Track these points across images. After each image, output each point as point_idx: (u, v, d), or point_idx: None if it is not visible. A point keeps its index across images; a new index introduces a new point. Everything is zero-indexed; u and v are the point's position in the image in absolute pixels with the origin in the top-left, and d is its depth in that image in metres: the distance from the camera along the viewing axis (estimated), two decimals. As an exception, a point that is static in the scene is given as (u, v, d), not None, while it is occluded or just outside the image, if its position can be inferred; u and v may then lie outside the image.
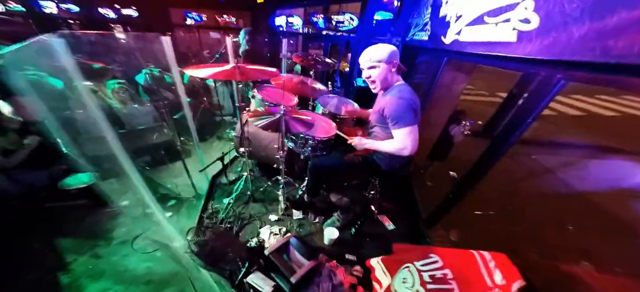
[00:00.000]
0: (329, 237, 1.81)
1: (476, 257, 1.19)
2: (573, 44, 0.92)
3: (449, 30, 1.86)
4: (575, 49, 0.92)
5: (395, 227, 2.03)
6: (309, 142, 1.86)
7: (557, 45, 0.99)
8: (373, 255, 1.78)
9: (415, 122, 1.36)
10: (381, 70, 1.45)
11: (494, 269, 1.12)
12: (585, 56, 0.89)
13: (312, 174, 1.80)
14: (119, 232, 2.08)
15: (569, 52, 0.94)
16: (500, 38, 1.32)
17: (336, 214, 2.02)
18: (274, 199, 2.20)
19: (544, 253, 1.86)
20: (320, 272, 1.60)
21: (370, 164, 1.65)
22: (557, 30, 0.99)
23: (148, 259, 1.87)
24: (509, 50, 1.26)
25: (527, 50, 1.14)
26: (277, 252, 1.54)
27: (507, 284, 1.04)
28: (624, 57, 0.76)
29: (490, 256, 1.17)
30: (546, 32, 1.04)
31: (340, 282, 1.57)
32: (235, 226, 1.94)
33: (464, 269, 1.17)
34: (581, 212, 2.74)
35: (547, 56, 1.04)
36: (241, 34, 3.29)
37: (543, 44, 1.06)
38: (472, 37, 1.57)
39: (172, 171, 2.81)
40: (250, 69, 1.50)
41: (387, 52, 1.42)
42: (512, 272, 1.08)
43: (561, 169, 3.81)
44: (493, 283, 1.08)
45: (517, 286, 1.03)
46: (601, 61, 0.83)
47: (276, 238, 1.86)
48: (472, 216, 2.11)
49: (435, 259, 1.21)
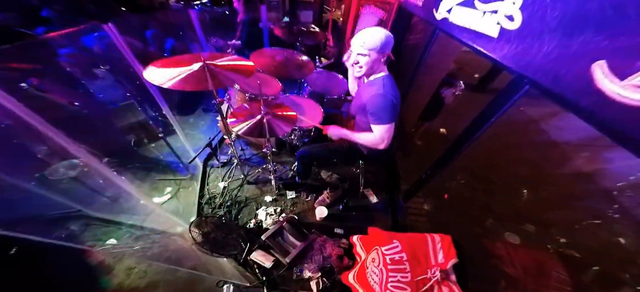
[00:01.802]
0: (319, 215, 2.08)
1: (428, 240, 1.49)
2: (538, 60, 0.98)
3: (441, 4, 1.79)
4: (537, 67, 0.98)
5: (378, 200, 2.30)
6: (294, 131, 1.95)
7: (526, 55, 1.04)
8: (359, 227, 2.08)
9: (394, 119, 1.45)
10: (371, 59, 1.42)
11: (439, 250, 1.42)
12: (541, 78, 0.96)
13: (301, 161, 1.95)
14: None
15: (532, 68, 1.00)
16: (484, 30, 1.32)
17: (326, 191, 2.25)
18: (268, 181, 2.39)
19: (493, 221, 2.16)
20: (313, 247, 1.90)
21: (353, 150, 1.80)
22: (532, 37, 1.02)
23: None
24: (488, 47, 1.29)
25: (503, 53, 1.18)
26: (272, 237, 1.79)
27: (445, 262, 1.35)
28: (566, 89, 0.84)
29: (439, 238, 1.47)
30: (523, 37, 1.06)
31: (329, 254, 1.88)
32: (233, 209, 2.17)
33: (417, 251, 1.46)
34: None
35: (515, 67, 1.09)
36: None
37: (517, 49, 1.10)
38: (460, 21, 1.54)
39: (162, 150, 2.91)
40: (223, 67, 1.37)
41: (381, 42, 1.38)
42: (451, 251, 1.37)
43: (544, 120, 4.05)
44: (436, 262, 1.39)
45: (452, 263, 1.35)
46: (548, 87, 0.91)
47: (272, 218, 2.11)
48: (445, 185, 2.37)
49: (396, 244, 1.49)
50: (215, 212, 2.15)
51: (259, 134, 1.46)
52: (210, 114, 3.54)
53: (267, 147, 1.86)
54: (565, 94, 0.86)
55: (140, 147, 2.93)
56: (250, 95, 1.92)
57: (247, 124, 1.47)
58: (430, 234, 1.48)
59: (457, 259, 1.29)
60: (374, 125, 1.47)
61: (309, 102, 2.17)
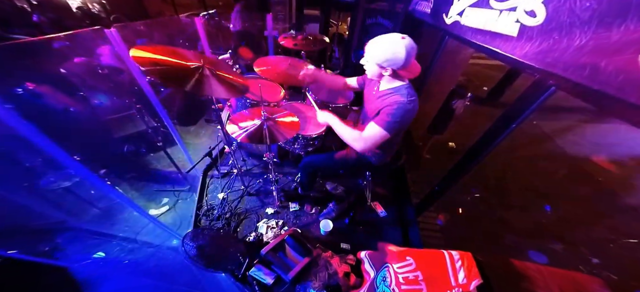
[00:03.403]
0: (324, 229, 1.95)
1: (445, 257, 1.33)
2: (567, 55, 0.90)
3: (451, 8, 1.75)
4: (567, 63, 0.90)
5: (387, 213, 2.17)
6: (298, 140, 1.87)
7: (552, 52, 0.96)
8: (366, 242, 1.95)
9: (394, 133, 1.31)
10: (370, 67, 1.34)
11: (459, 269, 1.26)
12: (573, 75, 0.87)
13: (304, 171, 1.86)
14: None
15: (561, 65, 0.92)
16: (501, 30, 1.25)
17: (331, 204, 2.13)
18: (269, 192, 2.29)
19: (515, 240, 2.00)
20: (317, 263, 1.77)
21: (361, 161, 1.70)
22: (559, 32, 0.94)
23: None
24: (507, 47, 1.22)
25: (524, 52, 1.11)
26: (273, 252, 1.67)
27: (467, 282, 1.19)
28: (606, 84, 0.75)
29: (459, 255, 1.30)
30: (548, 32, 0.99)
31: (335, 272, 1.74)
32: (232, 221, 2.07)
33: (434, 269, 1.31)
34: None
35: (540, 65, 1.01)
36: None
37: (541, 46, 1.03)
38: (474, 23, 1.49)
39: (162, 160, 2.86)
40: (219, 77, 1.29)
41: (382, 55, 1.24)
42: (473, 271, 1.22)
43: (559, 135, 3.94)
44: (456, 282, 1.23)
45: (475, 283, 1.18)
46: (585, 84, 0.82)
47: (274, 232, 2.00)
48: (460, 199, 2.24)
49: (409, 262, 1.35)
50: (213, 225, 2.05)
51: (259, 140, 1.39)
52: (212, 125, 3.51)
53: (269, 157, 1.78)
54: (607, 90, 0.76)
55: (139, 158, 2.88)
56: (252, 102, 1.87)
57: (247, 130, 1.39)
58: (447, 250, 1.35)
59: (482, 279, 1.15)
60: (373, 123, 1.30)
61: (312, 109, 2.10)
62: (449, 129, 2.85)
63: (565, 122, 4.21)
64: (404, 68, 1.27)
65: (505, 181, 2.83)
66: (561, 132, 4.00)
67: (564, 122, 4.22)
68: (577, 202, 2.53)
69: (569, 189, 2.76)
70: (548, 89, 1.04)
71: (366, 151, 1.35)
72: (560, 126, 4.10)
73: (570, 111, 4.51)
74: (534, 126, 4.07)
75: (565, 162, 3.33)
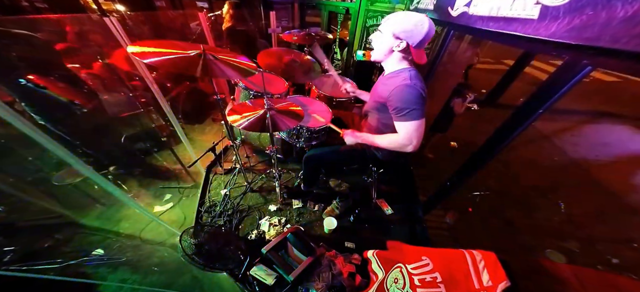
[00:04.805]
0: (328, 227, 1.78)
1: (466, 258, 1.15)
2: (614, 27, 0.73)
3: (457, 1, 1.59)
4: (616, 35, 0.73)
5: (393, 211, 1.99)
6: (302, 133, 1.71)
7: (591, 27, 0.80)
8: (372, 241, 1.77)
9: (424, 114, 1.16)
10: (383, 40, 1.20)
11: (482, 270, 1.07)
12: (629, 44, 0.71)
13: (307, 165, 1.70)
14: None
15: (608, 37, 0.75)
16: (518, 13, 1.09)
17: (335, 201, 1.96)
18: (272, 188, 2.13)
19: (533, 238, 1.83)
20: (320, 263, 1.59)
21: (366, 154, 1.53)
22: (593, 7, 0.79)
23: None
24: (528, 29, 1.05)
25: (550, 31, 0.94)
26: (274, 250, 1.50)
27: (493, 285, 1.00)
28: None
29: (480, 255, 1.12)
30: (578, 9, 0.83)
31: (340, 272, 1.56)
32: (234, 218, 1.90)
33: (453, 270, 1.13)
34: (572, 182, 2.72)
35: (576, 41, 0.85)
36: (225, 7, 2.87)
37: (572, 24, 0.86)
38: (483, 11, 1.32)
39: (167, 157, 2.73)
40: (221, 60, 1.16)
41: (404, 23, 1.11)
42: (498, 272, 1.03)
43: (557, 135, 3.76)
44: (480, 285, 1.04)
45: (502, 286, 0.99)
46: None
47: (276, 229, 1.83)
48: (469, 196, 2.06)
49: (426, 262, 1.17)
50: (215, 221, 1.88)
51: (262, 129, 1.23)
52: (217, 123, 3.37)
53: (272, 150, 1.61)
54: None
55: (146, 155, 2.74)
56: (255, 93, 1.72)
57: (249, 118, 1.24)
58: (468, 250, 1.16)
59: (510, 281, 0.96)
60: (400, 122, 1.17)
61: (317, 104, 1.94)
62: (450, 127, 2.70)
63: (563, 124, 4.04)
64: (420, 46, 1.15)
65: (507, 181, 2.66)
66: (560, 133, 3.83)
67: (561, 123, 4.05)
68: (581, 202, 2.36)
69: (571, 189, 2.58)
70: (584, 68, 0.87)
71: (417, 148, 1.20)
72: (558, 127, 3.93)
73: (566, 113, 4.35)
74: (531, 127, 3.90)
75: (565, 162, 3.16)
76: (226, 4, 2.81)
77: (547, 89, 1.01)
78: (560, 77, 0.96)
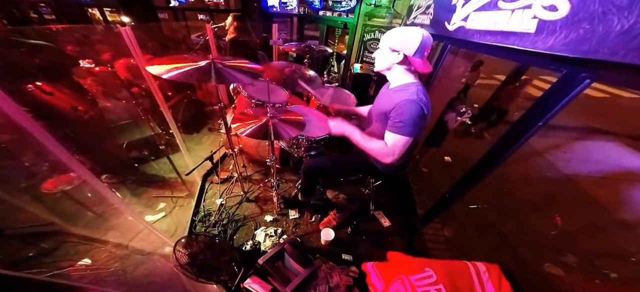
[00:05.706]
0: (325, 238, 1.71)
1: (470, 270, 1.10)
2: (611, 40, 0.74)
3: (454, 16, 1.62)
4: (614, 47, 0.73)
5: (391, 224, 1.94)
6: (301, 143, 1.67)
7: (588, 40, 0.80)
8: (369, 254, 1.71)
9: (416, 135, 1.17)
10: (382, 54, 1.23)
11: (486, 281, 1.03)
12: (626, 57, 0.71)
13: (306, 175, 1.65)
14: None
15: (606, 50, 0.75)
16: (514, 27, 1.11)
17: (332, 212, 1.90)
18: (268, 198, 2.06)
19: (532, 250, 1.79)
20: (317, 275, 1.51)
21: (366, 165, 1.50)
22: (590, 22, 0.79)
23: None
24: (524, 42, 1.06)
25: (547, 45, 0.95)
26: (270, 262, 1.42)
27: None
28: None
29: (485, 267, 1.08)
30: (575, 23, 0.84)
31: (337, 285, 1.49)
32: (229, 228, 1.82)
33: (458, 282, 1.09)
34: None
35: (573, 53, 0.85)
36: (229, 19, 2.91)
37: (569, 37, 0.87)
38: (481, 25, 1.34)
39: (163, 166, 2.66)
40: (230, 67, 1.19)
41: (398, 37, 1.15)
42: (503, 284, 0.99)
43: (549, 151, 3.80)
44: None
45: None
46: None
47: (272, 240, 1.75)
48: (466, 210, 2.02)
49: (429, 274, 1.11)
50: (209, 231, 1.80)
51: (264, 136, 1.20)
52: (214, 133, 3.32)
53: (271, 158, 1.57)
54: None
55: (141, 163, 2.66)
56: (257, 102, 1.70)
57: (252, 126, 1.21)
58: (471, 261, 1.11)
59: None
60: (391, 132, 1.17)
61: (317, 113, 1.93)
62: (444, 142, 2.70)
63: (554, 140, 4.10)
64: (419, 55, 1.15)
65: (501, 195, 2.64)
66: (551, 149, 3.87)
67: (552, 139, 4.11)
68: (574, 217, 2.35)
69: (564, 204, 2.58)
70: (582, 82, 0.87)
71: (395, 162, 1.18)
72: (549, 143, 3.98)
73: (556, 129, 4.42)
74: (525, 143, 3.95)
75: (558, 177, 3.17)
76: (230, 16, 2.85)
77: (546, 102, 1.00)
78: (559, 90, 0.96)
